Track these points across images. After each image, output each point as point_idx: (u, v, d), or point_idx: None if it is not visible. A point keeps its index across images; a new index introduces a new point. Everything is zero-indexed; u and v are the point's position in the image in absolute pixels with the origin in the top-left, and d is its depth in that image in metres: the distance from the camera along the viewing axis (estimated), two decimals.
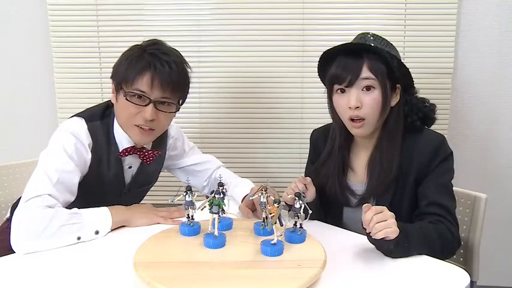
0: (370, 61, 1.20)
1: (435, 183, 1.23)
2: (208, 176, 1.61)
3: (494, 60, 1.98)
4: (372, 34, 1.28)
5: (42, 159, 1.26)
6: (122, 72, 1.28)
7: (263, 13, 1.98)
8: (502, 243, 2.10)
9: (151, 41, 1.33)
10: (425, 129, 1.30)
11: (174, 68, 1.28)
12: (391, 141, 1.26)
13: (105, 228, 1.22)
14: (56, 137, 1.29)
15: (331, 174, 1.34)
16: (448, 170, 1.26)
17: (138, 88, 1.26)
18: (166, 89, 1.27)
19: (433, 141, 1.25)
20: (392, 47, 1.29)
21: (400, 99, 1.28)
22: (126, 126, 1.33)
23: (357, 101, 1.21)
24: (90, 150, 1.31)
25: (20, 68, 2.10)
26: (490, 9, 1.94)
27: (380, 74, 1.21)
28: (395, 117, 1.27)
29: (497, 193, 1.99)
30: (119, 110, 1.32)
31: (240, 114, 2.07)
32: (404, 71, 1.25)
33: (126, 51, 1.32)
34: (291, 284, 0.90)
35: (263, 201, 1.11)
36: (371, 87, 1.21)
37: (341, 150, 1.34)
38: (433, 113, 1.30)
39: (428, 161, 1.24)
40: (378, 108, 1.23)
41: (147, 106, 1.27)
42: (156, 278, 0.90)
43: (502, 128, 2.04)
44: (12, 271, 1.05)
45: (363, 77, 1.20)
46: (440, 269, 1.05)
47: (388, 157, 1.26)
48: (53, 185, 1.20)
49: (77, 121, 1.32)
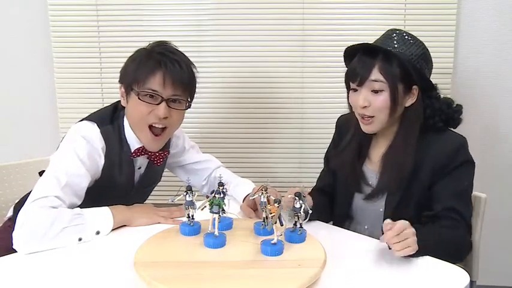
0: (383, 62, 1.21)
1: (453, 188, 1.23)
2: (208, 175, 1.61)
3: (493, 60, 1.98)
4: (398, 32, 1.28)
5: (53, 162, 1.27)
6: (131, 73, 1.29)
7: (263, 13, 1.98)
8: (502, 243, 2.10)
9: (158, 42, 1.35)
10: (448, 130, 1.30)
11: (183, 66, 1.31)
12: (405, 141, 1.27)
13: (106, 228, 1.22)
14: (68, 140, 1.30)
15: (348, 160, 1.36)
16: (468, 178, 1.26)
17: (150, 87, 1.27)
18: (178, 86, 1.29)
19: (454, 143, 1.26)
20: (418, 46, 1.27)
21: (417, 99, 1.27)
22: (139, 127, 1.33)
23: (364, 101, 1.24)
24: (103, 154, 1.31)
25: (20, 68, 2.10)
26: (489, 9, 1.94)
27: (391, 76, 1.21)
28: (412, 117, 1.27)
29: (497, 193, 1.99)
30: (130, 111, 1.33)
31: (240, 114, 2.07)
32: (423, 73, 1.25)
33: (132, 55, 1.33)
34: (291, 283, 0.90)
35: (263, 200, 1.11)
36: (379, 90, 1.22)
37: (360, 137, 1.35)
38: (458, 114, 1.30)
39: (446, 161, 1.24)
40: (386, 109, 1.23)
41: (159, 104, 1.28)
42: (156, 278, 0.90)
43: (501, 128, 2.04)
44: (12, 271, 1.05)
45: (372, 79, 1.22)
46: (440, 269, 1.05)
47: (401, 156, 1.26)
48: (60, 188, 1.20)
49: (89, 125, 1.31)
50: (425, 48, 1.28)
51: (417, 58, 1.25)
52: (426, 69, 1.28)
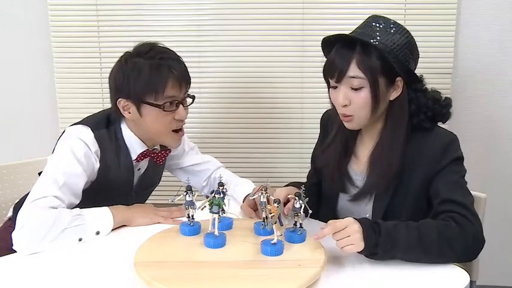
0: (361, 55, 1.11)
1: (446, 181, 1.16)
2: (208, 177, 1.61)
3: (493, 59, 1.98)
4: (378, 19, 1.18)
5: (50, 162, 1.27)
6: (140, 86, 1.25)
7: (263, 13, 1.98)
8: (502, 243, 2.10)
9: (148, 47, 1.30)
10: (437, 127, 1.21)
11: (181, 61, 1.32)
12: (392, 138, 1.20)
13: (106, 228, 1.22)
14: (64, 141, 1.29)
15: (333, 157, 1.30)
16: (460, 170, 1.20)
17: (169, 95, 1.27)
18: (187, 84, 1.32)
19: (443, 140, 1.18)
20: (401, 34, 1.16)
21: (403, 91, 1.18)
22: (163, 134, 1.33)
23: (344, 99, 1.15)
24: (98, 158, 1.31)
25: (20, 68, 2.10)
26: (489, 8, 1.94)
27: (370, 70, 1.11)
28: (398, 110, 1.19)
29: (497, 193, 1.99)
30: (148, 123, 1.30)
31: (240, 114, 2.07)
32: (406, 64, 1.16)
33: (127, 66, 1.26)
34: (291, 283, 0.90)
35: (263, 200, 1.11)
36: (359, 87, 1.13)
37: (345, 134, 1.28)
38: (446, 109, 1.22)
39: (437, 160, 1.16)
40: (368, 106, 1.15)
41: (178, 108, 1.29)
42: (156, 278, 0.90)
43: (501, 128, 2.04)
44: (12, 271, 1.05)
45: (351, 75, 1.13)
46: (440, 269, 1.05)
47: (388, 155, 1.19)
48: (58, 188, 1.20)
49: (83, 129, 1.31)
50: (410, 36, 1.18)
51: (400, 47, 1.14)
52: (411, 59, 1.18)
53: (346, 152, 1.30)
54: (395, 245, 1.03)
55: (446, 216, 1.09)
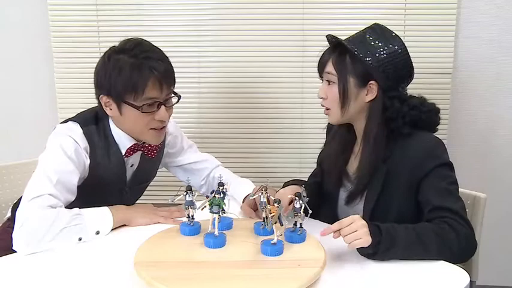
0: (337, 56, 1.24)
1: (435, 188, 1.17)
2: (206, 175, 1.60)
3: (493, 59, 1.98)
4: (375, 29, 1.25)
5: (41, 161, 1.27)
6: (120, 85, 1.23)
7: (263, 13, 1.98)
8: (502, 243, 2.10)
9: (133, 43, 1.29)
10: (421, 132, 1.22)
11: (166, 61, 1.28)
12: (369, 138, 1.25)
13: (106, 228, 1.22)
14: (54, 139, 1.29)
15: (331, 152, 1.37)
16: (448, 176, 1.19)
17: (149, 96, 1.24)
18: (169, 85, 1.29)
19: (426, 145, 1.20)
20: (392, 41, 1.22)
21: (377, 95, 1.23)
22: (141, 133, 1.32)
23: (321, 92, 1.28)
24: (88, 154, 1.31)
25: (20, 68, 2.10)
26: (489, 8, 1.94)
27: (341, 70, 1.23)
28: (372, 112, 1.24)
29: (497, 193, 1.99)
30: (128, 123, 1.30)
31: (239, 114, 2.07)
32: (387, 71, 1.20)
33: (110, 63, 1.25)
34: (291, 283, 0.90)
35: (263, 200, 1.11)
36: (331, 81, 1.25)
37: (343, 132, 1.35)
38: (428, 115, 1.24)
39: (420, 164, 1.18)
40: (337, 102, 1.24)
41: (159, 109, 1.27)
42: (156, 278, 0.91)
43: (501, 128, 2.04)
44: (12, 271, 1.05)
45: (326, 71, 1.26)
46: (440, 269, 1.05)
47: (364, 156, 1.26)
48: (53, 186, 1.20)
49: (72, 126, 1.31)
50: (400, 47, 1.22)
51: (385, 56, 1.20)
52: (390, 68, 1.20)
53: (344, 151, 1.35)
54: (395, 244, 1.05)
55: (439, 221, 1.13)
